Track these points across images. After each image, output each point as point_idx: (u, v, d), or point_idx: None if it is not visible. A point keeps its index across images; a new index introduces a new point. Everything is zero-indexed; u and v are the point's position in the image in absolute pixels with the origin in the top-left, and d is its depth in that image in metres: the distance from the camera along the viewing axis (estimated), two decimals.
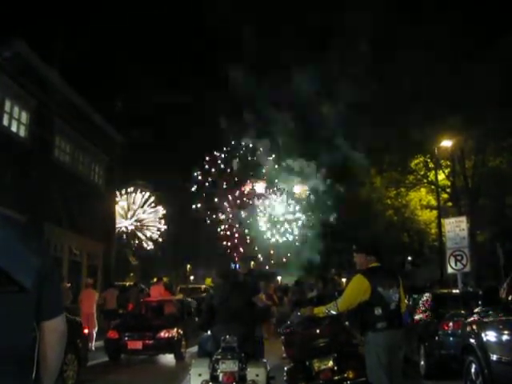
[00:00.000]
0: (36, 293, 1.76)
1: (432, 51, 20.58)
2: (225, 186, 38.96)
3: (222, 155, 39.42)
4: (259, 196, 39.12)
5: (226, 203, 38.83)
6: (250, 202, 38.93)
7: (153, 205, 39.01)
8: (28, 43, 17.88)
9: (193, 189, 38.95)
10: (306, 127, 33.42)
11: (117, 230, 29.57)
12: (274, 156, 38.62)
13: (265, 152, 38.38)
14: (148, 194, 38.61)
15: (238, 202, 38.89)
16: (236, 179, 39.19)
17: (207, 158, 38.91)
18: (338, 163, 28.78)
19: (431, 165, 23.15)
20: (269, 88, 29.54)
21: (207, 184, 39.08)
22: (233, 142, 39.22)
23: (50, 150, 19.95)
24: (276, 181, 38.84)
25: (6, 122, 17.10)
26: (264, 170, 38.86)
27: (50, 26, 24.10)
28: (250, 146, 39.08)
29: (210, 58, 48.90)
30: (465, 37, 19.61)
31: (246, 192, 39.16)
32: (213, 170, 38.95)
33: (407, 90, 21.21)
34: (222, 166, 39.32)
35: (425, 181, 24.05)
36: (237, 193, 39.13)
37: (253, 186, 39.19)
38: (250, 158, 39.25)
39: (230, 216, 38.76)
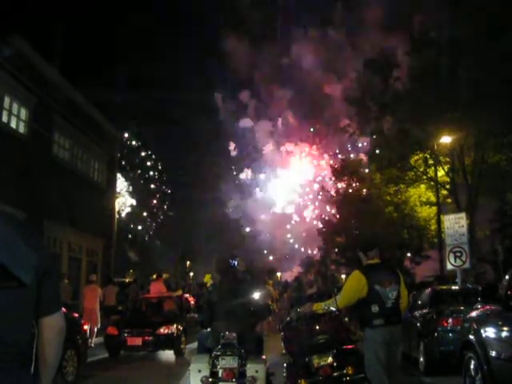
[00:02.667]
0: (35, 289, 1.77)
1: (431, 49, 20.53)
2: None
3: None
4: None
5: None
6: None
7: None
8: (28, 40, 17.87)
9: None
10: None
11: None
12: None
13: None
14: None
15: None
16: None
17: None
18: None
19: (431, 161, 23.08)
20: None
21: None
22: None
23: (50, 147, 19.93)
24: None
25: (5, 119, 17.08)
26: None
27: (50, 24, 24.12)
28: None
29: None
30: (465, 34, 19.57)
31: None
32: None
33: (407, 87, 21.17)
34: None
35: (424, 177, 23.96)
36: None
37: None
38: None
39: None
